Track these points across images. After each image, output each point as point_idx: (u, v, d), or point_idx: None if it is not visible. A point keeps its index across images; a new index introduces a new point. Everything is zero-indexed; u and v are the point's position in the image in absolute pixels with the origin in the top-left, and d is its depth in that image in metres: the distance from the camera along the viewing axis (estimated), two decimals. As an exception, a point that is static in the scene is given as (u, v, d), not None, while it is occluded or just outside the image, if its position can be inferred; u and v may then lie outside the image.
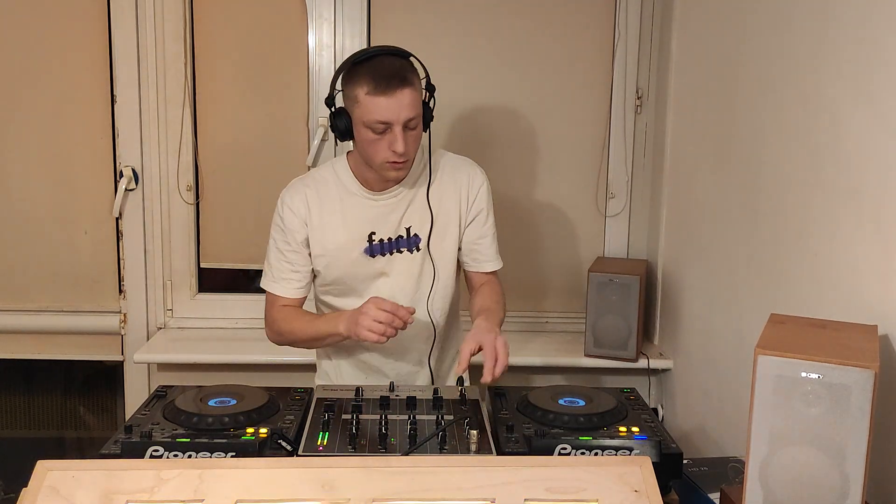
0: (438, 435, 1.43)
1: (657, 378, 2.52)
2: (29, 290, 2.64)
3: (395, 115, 1.64)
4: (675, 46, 2.43)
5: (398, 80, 1.63)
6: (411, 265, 1.84)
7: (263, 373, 2.48)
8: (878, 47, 1.36)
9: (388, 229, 1.82)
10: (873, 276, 1.37)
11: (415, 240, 1.83)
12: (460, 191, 1.85)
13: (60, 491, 1.11)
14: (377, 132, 1.66)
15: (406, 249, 1.83)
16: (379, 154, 1.69)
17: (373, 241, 1.81)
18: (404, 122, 1.65)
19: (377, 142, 1.67)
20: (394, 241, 1.82)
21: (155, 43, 2.53)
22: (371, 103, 1.64)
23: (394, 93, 1.63)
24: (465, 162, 1.90)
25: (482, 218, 1.87)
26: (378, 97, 1.63)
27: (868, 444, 1.11)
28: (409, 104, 1.65)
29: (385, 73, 1.64)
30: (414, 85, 1.67)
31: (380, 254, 1.82)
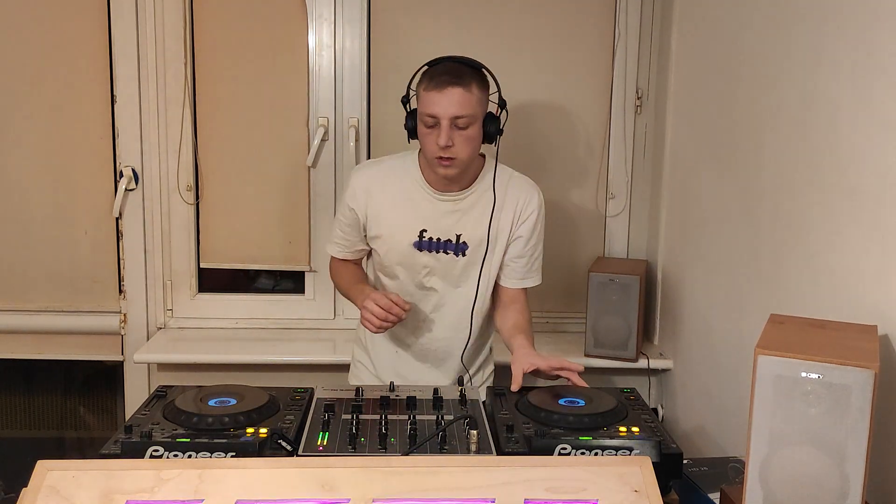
0: (438, 435, 1.43)
1: (657, 378, 2.52)
2: (29, 290, 2.64)
3: (442, 109, 1.76)
4: (675, 46, 2.43)
5: (451, 77, 1.76)
6: (454, 267, 1.95)
7: (263, 373, 2.48)
8: (878, 47, 1.36)
9: (440, 231, 1.92)
10: (873, 276, 1.37)
11: (462, 246, 1.93)
12: (513, 210, 1.94)
13: (60, 491, 1.11)
14: (428, 126, 1.79)
15: (452, 252, 1.94)
16: (429, 148, 1.82)
17: (423, 237, 1.93)
18: (451, 117, 1.76)
19: (428, 135, 1.80)
20: (443, 241, 1.93)
21: (155, 43, 2.53)
22: (425, 97, 1.79)
23: (444, 89, 1.76)
24: (526, 183, 1.98)
25: (522, 241, 1.96)
26: (431, 92, 1.77)
27: (868, 444, 1.11)
28: (458, 102, 1.76)
29: (442, 71, 1.78)
30: (468, 87, 1.78)
31: (426, 249, 1.93)
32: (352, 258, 2.06)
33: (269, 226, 2.66)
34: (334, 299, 2.70)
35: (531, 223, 1.95)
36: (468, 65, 1.83)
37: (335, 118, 2.60)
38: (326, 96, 2.59)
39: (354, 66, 2.59)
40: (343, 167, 2.61)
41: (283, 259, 2.68)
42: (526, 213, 1.94)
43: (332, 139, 2.61)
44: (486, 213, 1.91)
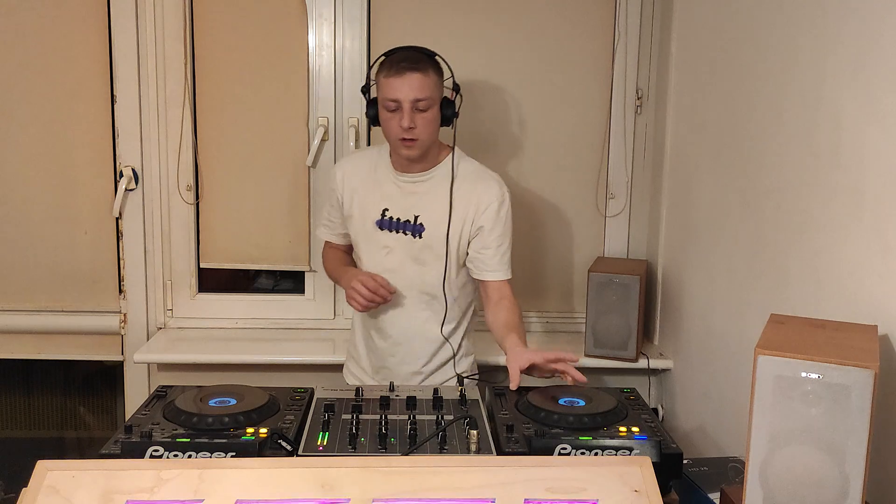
0: (438, 435, 1.44)
1: (657, 378, 2.52)
2: (29, 290, 2.64)
3: (403, 94, 1.87)
4: (675, 46, 2.43)
5: (409, 63, 1.87)
6: (411, 248, 2.01)
7: (263, 373, 2.48)
8: (879, 47, 1.36)
9: (399, 210, 2.01)
10: (873, 276, 1.37)
11: (419, 228, 2.00)
12: (475, 201, 1.99)
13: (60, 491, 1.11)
14: (390, 110, 1.90)
15: (410, 233, 2.01)
16: (392, 131, 1.92)
17: (384, 216, 2.02)
18: (412, 101, 1.87)
19: (391, 119, 1.91)
20: (402, 221, 2.01)
21: (155, 43, 2.53)
22: (385, 83, 1.89)
23: (403, 74, 1.86)
24: (487, 175, 2.04)
25: (485, 233, 1.99)
26: (390, 78, 1.87)
27: (868, 444, 1.11)
28: (418, 87, 1.87)
29: (400, 58, 1.89)
30: (425, 72, 1.89)
31: (387, 229, 2.02)
32: (338, 242, 2.19)
33: (269, 226, 2.66)
34: (334, 299, 2.70)
35: (492, 212, 1.98)
36: (423, 52, 1.94)
37: (335, 118, 2.60)
38: (326, 96, 2.59)
39: (354, 66, 2.59)
40: (343, 167, 2.61)
41: (283, 259, 2.68)
42: (483, 205, 1.98)
43: (332, 139, 2.61)
44: (446, 190, 1.98)
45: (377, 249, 2.04)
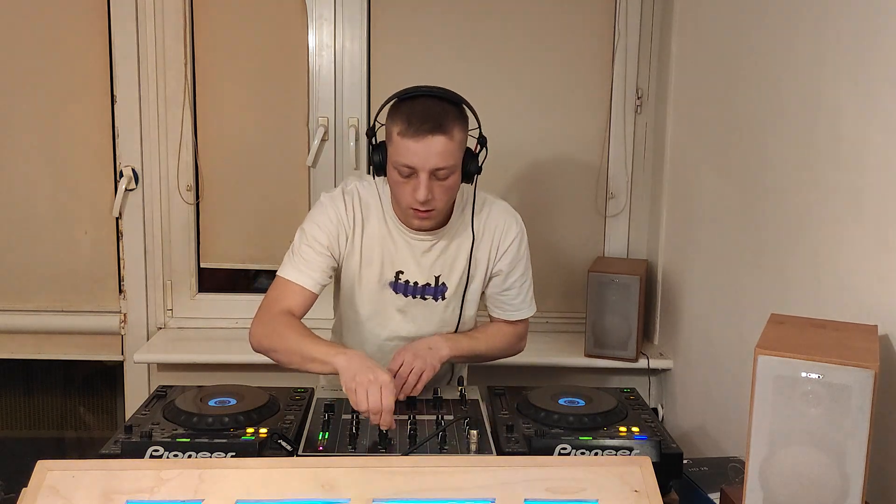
0: (438, 435, 1.44)
1: (657, 378, 2.52)
2: (29, 290, 2.64)
3: (421, 161, 1.57)
4: (675, 46, 2.43)
5: (431, 124, 1.56)
6: (433, 312, 1.80)
7: (263, 373, 2.47)
8: (879, 47, 1.36)
9: (417, 272, 1.77)
10: (873, 276, 1.37)
11: (442, 289, 1.78)
12: (492, 241, 1.80)
13: (60, 491, 1.11)
14: (403, 175, 1.61)
15: (431, 297, 1.79)
16: (404, 198, 1.64)
17: (398, 279, 1.77)
18: (431, 170, 1.58)
19: (404, 185, 1.62)
20: (421, 286, 1.77)
21: (155, 43, 2.53)
22: (401, 145, 1.58)
23: (424, 138, 1.56)
24: (504, 212, 1.82)
25: (503, 276, 1.83)
26: (408, 140, 1.56)
27: (868, 444, 1.11)
28: (440, 153, 1.57)
29: (421, 115, 1.57)
30: (450, 134, 1.58)
31: (403, 293, 1.78)
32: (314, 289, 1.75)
33: (269, 226, 2.66)
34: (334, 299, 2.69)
35: (512, 253, 1.81)
36: (449, 100, 1.62)
37: (335, 118, 2.60)
38: (326, 96, 2.59)
39: (354, 66, 2.58)
40: (343, 167, 2.61)
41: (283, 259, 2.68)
42: (505, 244, 1.80)
43: (332, 139, 2.61)
44: (465, 249, 1.77)
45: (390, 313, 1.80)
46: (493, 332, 1.87)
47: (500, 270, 1.82)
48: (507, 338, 1.89)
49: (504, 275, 1.83)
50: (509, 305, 1.87)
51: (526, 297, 1.88)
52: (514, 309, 1.88)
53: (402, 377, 1.65)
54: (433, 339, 1.75)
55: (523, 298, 1.87)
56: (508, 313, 1.88)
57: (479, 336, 1.84)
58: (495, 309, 1.89)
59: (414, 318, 1.80)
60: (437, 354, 1.70)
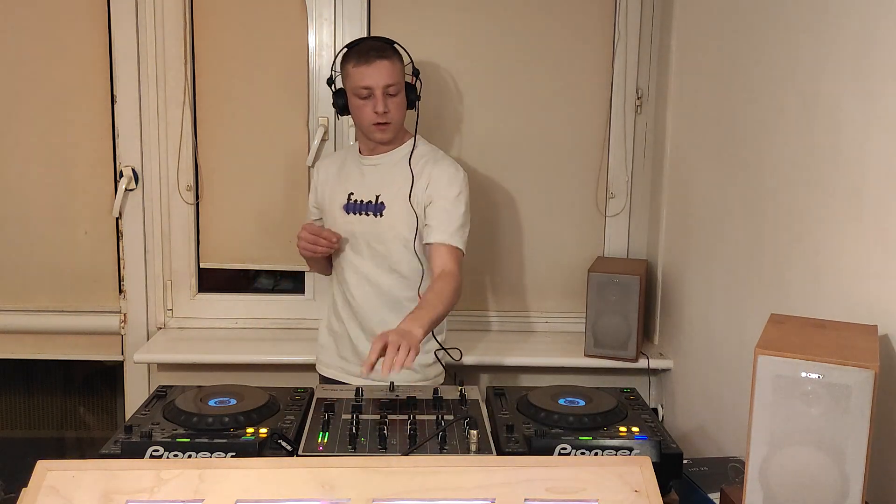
0: (438, 435, 1.44)
1: (657, 378, 2.52)
2: (29, 290, 2.64)
3: (374, 80, 1.97)
4: (675, 46, 2.43)
5: (376, 52, 1.99)
6: (374, 227, 2.07)
7: (263, 373, 2.48)
8: (879, 47, 1.36)
9: (364, 192, 2.10)
10: (873, 276, 1.37)
11: (380, 206, 2.07)
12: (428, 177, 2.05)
13: (60, 491, 1.11)
14: (362, 97, 2.00)
15: (372, 213, 2.08)
16: (365, 117, 2.02)
17: (350, 200, 2.11)
18: (383, 87, 1.98)
19: (364, 106, 2.01)
20: (364, 203, 2.09)
21: (155, 43, 2.53)
22: (356, 73, 1.99)
23: (373, 62, 1.97)
24: (446, 160, 2.11)
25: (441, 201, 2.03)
26: (361, 67, 1.98)
27: (868, 444, 1.11)
28: (388, 73, 1.98)
29: (368, 48, 2.01)
30: (391, 59, 2.01)
31: (353, 212, 2.10)
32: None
33: (269, 226, 2.66)
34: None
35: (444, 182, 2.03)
36: (386, 41, 2.05)
37: (335, 118, 2.60)
38: (326, 96, 2.57)
39: (354, 66, 2.58)
40: (343, 167, 2.61)
41: (283, 259, 2.68)
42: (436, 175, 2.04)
43: (332, 139, 2.61)
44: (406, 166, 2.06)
45: (347, 235, 2.11)
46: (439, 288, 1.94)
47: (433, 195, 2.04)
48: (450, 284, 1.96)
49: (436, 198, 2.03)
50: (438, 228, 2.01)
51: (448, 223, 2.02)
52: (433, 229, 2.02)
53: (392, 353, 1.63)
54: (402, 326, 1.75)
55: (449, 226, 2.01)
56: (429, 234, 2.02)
57: (434, 300, 1.89)
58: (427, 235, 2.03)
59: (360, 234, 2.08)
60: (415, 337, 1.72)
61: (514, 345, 2.59)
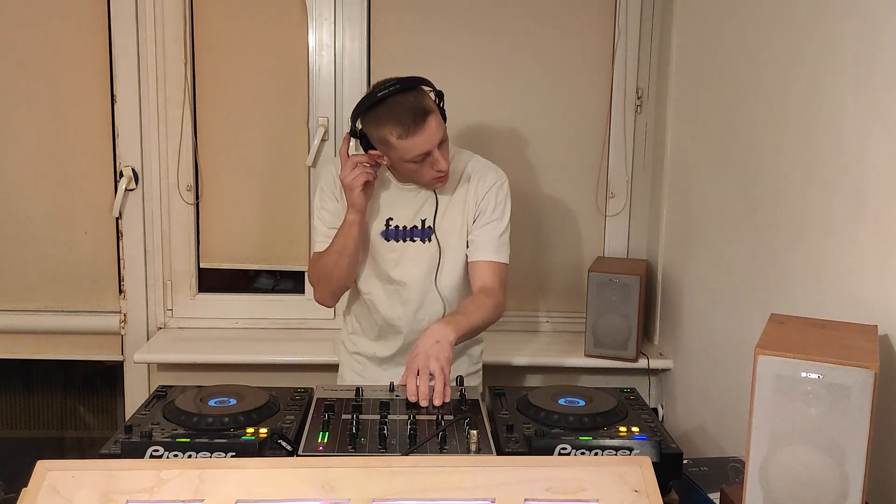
0: (438, 435, 1.43)
1: (657, 378, 2.52)
2: (29, 290, 2.64)
3: (430, 144, 1.77)
4: (675, 46, 2.43)
5: (422, 114, 1.75)
6: (422, 253, 1.94)
7: (263, 373, 2.48)
8: (879, 46, 1.36)
9: (405, 217, 1.94)
10: (873, 276, 1.37)
11: (427, 231, 1.94)
12: (468, 193, 1.94)
13: (60, 491, 1.11)
14: (418, 162, 1.80)
15: (419, 239, 1.94)
16: (425, 176, 1.84)
17: (389, 226, 1.94)
18: (438, 144, 1.79)
19: (420, 168, 1.82)
20: (409, 229, 1.94)
21: (155, 43, 2.53)
22: (407, 144, 1.76)
23: (423, 128, 1.75)
24: (487, 166, 1.98)
25: (485, 215, 1.93)
26: (412, 138, 1.75)
27: (868, 444, 1.11)
28: (437, 129, 1.78)
29: (410, 112, 1.74)
30: (433, 111, 1.78)
31: (394, 239, 1.94)
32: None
33: (269, 226, 2.66)
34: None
35: (490, 199, 1.93)
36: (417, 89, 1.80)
37: (335, 118, 2.60)
38: (326, 96, 2.59)
39: (354, 66, 2.59)
40: (343, 167, 2.61)
41: (283, 259, 2.68)
42: (482, 192, 1.93)
43: (332, 139, 2.61)
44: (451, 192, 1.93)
45: (386, 263, 1.95)
46: (479, 300, 1.89)
47: (482, 211, 1.94)
48: (491, 299, 1.90)
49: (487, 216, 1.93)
50: (476, 244, 1.93)
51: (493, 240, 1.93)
52: (479, 248, 1.94)
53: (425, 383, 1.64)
54: (434, 329, 1.74)
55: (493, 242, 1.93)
56: (474, 252, 1.94)
57: (471, 309, 1.86)
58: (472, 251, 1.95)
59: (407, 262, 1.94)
60: (446, 342, 1.72)
61: (514, 345, 2.59)
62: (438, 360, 1.66)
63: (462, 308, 1.86)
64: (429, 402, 1.62)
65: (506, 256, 1.96)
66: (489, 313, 1.88)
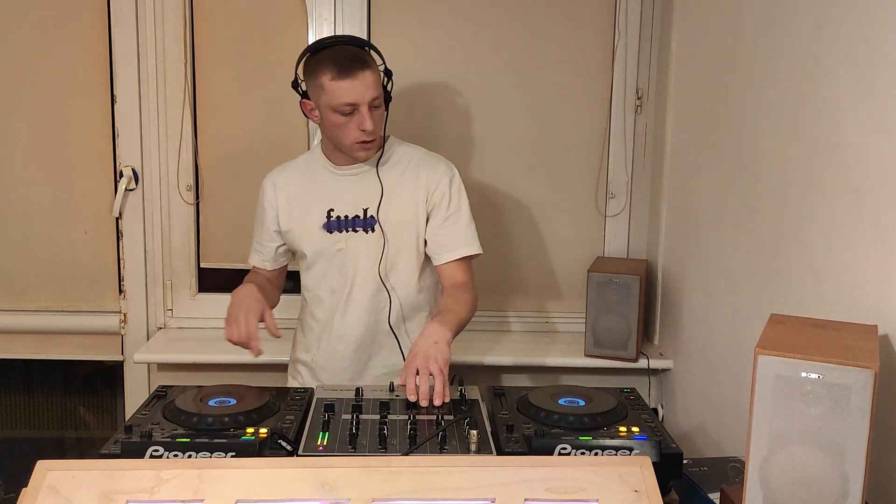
0: (438, 435, 1.44)
1: (657, 378, 2.52)
2: (29, 290, 2.64)
3: (360, 95, 1.77)
4: (675, 46, 2.43)
5: (359, 63, 1.77)
6: (367, 244, 1.92)
7: (263, 373, 2.47)
8: (878, 47, 1.36)
9: (346, 207, 1.92)
10: (873, 276, 1.37)
11: (370, 221, 1.91)
12: (419, 183, 1.92)
13: (60, 491, 1.11)
14: (344, 114, 1.79)
15: (361, 229, 1.92)
16: (348, 135, 1.82)
17: (330, 217, 1.92)
18: (369, 101, 1.78)
19: (345, 124, 1.80)
20: (350, 219, 1.92)
21: (155, 43, 2.53)
22: (335, 88, 1.77)
23: (356, 75, 1.76)
24: (433, 157, 1.97)
25: (434, 214, 1.93)
26: (342, 81, 1.76)
27: (868, 444, 1.11)
28: (372, 84, 1.78)
29: (347, 58, 1.77)
30: (373, 67, 1.80)
31: (337, 230, 1.92)
32: (270, 268, 2.06)
33: (269, 226, 2.66)
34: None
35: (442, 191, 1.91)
36: (360, 45, 1.84)
37: (335, 118, 2.60)
38: (326, 96, 2.59)
39: (354, 66, 2.58)
40: (343, 167, 2.61)
41: (283, 259, 2.68)
42: (433, 184, 1.91)
43: (332, 139, 2.61)
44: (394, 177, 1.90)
45: (331, 255, 1.93)
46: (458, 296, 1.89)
47: (436, 204, 1.92)
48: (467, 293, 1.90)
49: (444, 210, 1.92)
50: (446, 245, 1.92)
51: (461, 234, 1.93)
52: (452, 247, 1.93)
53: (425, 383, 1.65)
54: (430, 330, 1.75)
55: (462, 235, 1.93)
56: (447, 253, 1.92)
57: (456, 306, 1.86)
58: (437, 255, 1.93)
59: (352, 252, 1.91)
60: (444, 343, 1.73)
61: (514, 345, 2.59)
62: (437, 361, 1.67)
63: (448, 306, 1.86)
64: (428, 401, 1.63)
65: (477, 246, 1.96)
66: (471, 307, 1.90)
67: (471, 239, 1.96)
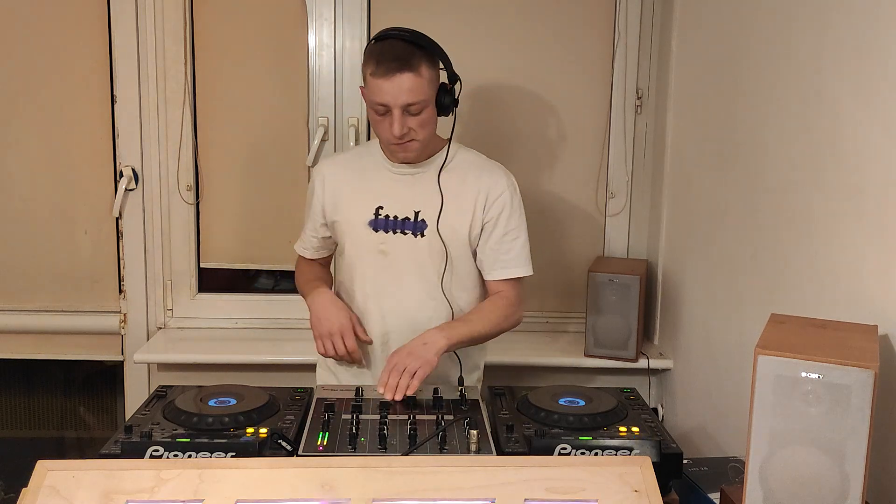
0: (438, 435, 1.44)
1: (657, 378, 2.52)
2: (29, 290, 2.64)
3: (392, 98, 1.67)
4: (675, 46, 2.43)
5: (399, 64, 1.66)
6: (413, 249, 1.82)
7: (263, 373, 2.48)
8: (879, 47, 1.36)
9: (397, 207, 1.82)
10: (873, 276, 1.37)
11: (421, 225, 1.81)
12: (479, 194, 1.82)
13: (60, 491, 1.11)
14: (379, 113, 1.71)
15: (410, 232, 1.82)
16: (383, 133, 1.75)
17: (378, 215, 1.82)
18: (402, 106, 1.68)
19: (381, 122, 1.73)
20: (399, 220, 1.82)
21: (155, 43, 2.53)
22: (373, 85, 1.69)
23: (393, 76, 1.66)
24: (496, 167, 1.88)
25: (490, 227, 1.84)
26: (378, 80, 1.67)
27: (868, 444, 1.11)
28: (409, 89, 1.67)
29: (389, 55, 1.67)
30: (417, 70, 1.68)
31: (382, 229, 1.82)
32: (318, 257, 2.00)
33: (269, 226, 2.66)
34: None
35: (506, 201, 1.83)
36: (415, 44, 1.71)
37: (335, 118, 2.60)
38: (326, 96, 2.59)
39: (354, 66, 2.58)
40: (343, 167, 2.61)
41: (283, 259, 2.67)
42: (492, 197, 1.82)
43: (332, 139, 2.61)
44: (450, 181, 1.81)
45: (372, 255, 1.83)
46: (487, 308, 1.83)
47: (491, 219, 1.83)
48: (501, 309, 1.83)
49: (491, 227, 1.83)
50: (494, 262, 1.84)
51: (515, 254, 1.85)
52: (506, 264, 1.85)
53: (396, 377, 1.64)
54: (428, 333, 1.73)
55: (513, 254, 1.85)
56: (495, 271, 1.84)
57: (474, 317, 1.81)
58: (488, 268, 1.85)
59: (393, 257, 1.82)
60: (434, 348, 1.68)
61: (514, 345, 2.58)
62: (418, 360, 1.65)
63: (465, 316, 1.81)
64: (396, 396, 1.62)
65: (531, 267, 1.89)
66: (497, 323, 1.81)
67: (526, 259, 1.89)
